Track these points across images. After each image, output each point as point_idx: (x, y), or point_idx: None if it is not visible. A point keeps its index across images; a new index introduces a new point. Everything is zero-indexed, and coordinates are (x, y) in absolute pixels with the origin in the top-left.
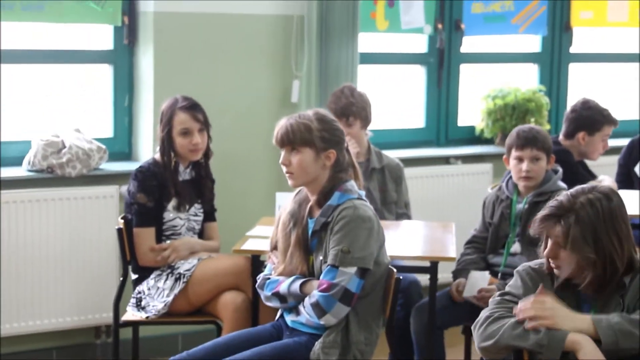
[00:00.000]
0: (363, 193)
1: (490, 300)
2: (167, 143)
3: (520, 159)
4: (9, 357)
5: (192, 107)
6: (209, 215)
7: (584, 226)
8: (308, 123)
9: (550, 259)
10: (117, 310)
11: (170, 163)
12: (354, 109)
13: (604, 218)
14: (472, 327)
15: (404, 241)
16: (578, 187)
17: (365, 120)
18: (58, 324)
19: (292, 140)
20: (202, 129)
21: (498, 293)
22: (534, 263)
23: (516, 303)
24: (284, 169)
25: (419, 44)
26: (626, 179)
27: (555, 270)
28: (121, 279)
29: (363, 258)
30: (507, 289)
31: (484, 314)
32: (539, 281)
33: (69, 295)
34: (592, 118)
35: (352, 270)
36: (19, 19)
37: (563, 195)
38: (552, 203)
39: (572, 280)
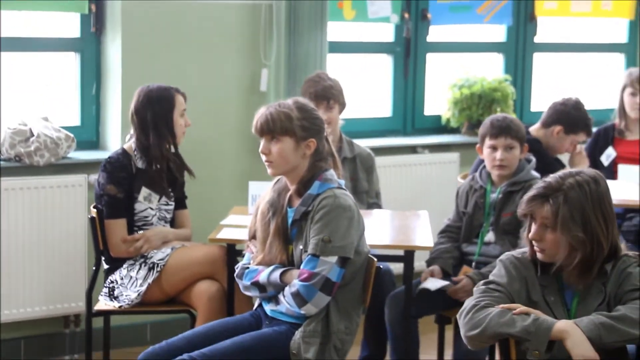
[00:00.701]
0: (343, 182)
1: (475, 289)
2: (166, 126)
3: (494, 148)
4: None
5: (181, 91)
6: (180, 202)
7: (573, 206)
8: (288, 112)
9: (534, 242)
10: (90, 299)
11: (176, 145)
12: (334, 92)
13: (592, 199)
14: (457, 316)
15: (377, 230)
16: (565, 170)
17: (342, 105)
18: (26, 313)
19: (272, 129)
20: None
21: (482, 282)
22: (516, 252)
23: (500, 292)
24: (263, 157)
25: (386, 33)
26: (592, 168)
27: (538, 255)
28: (94, 268)
29: (344, 247)
30: (490, 277)
31: (469, 302)
32: (523, 270)
33: (37, 284)
34: (576, 119)
35: (333, 259)
36: None
37: (551, 177)
38: (539, 184)
39: (555, 264)
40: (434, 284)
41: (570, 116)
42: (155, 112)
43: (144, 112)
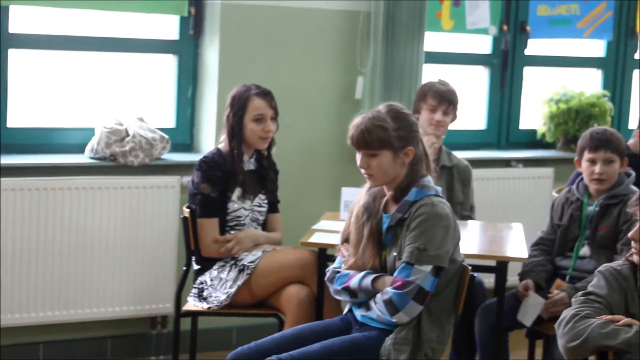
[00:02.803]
0: (440, 189)
1: (573, 299)
2: (237, 129)
3: (593, 161)
4: (65, 344)
5: (268, 94)
6: (272, 206)
7: None
8: (383, 124)
9: (634, 243)
10: (179, 299)
11: (240, 149)
12: (456, 99)
13: None
14: (555, 326)
15: (469, 240)
16: None
17: (455, 116)
18: (114, 312)
19: (368, 144)
20: (274, 117)
21: (581, 293)
22: (616, 264)
23: (600, 303)
24: (362, 170)
25: (483, 44)
26: None
27: (635, 257)
28: (184, 268)
29: (439, 256)
30: (590, 288)
31: (568, 312)
32: (623, 282)
33: (126, 284)
34: None
35: (428, 268)
36: (89, 7)
37: None
38: None
39: None
40: (529, 310)
41: None
42: (231, 114)
43: (226, 112)
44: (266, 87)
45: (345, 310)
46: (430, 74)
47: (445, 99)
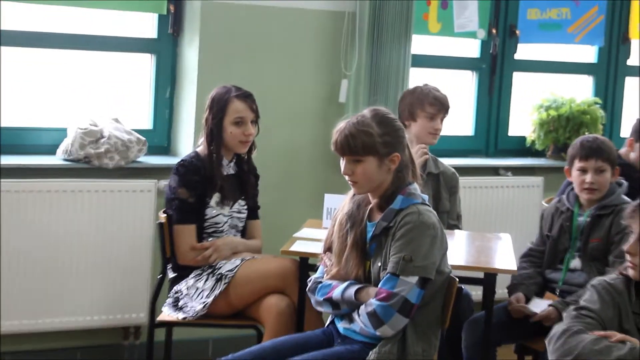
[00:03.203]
0: (427, 197)
1: (565, 314)
2: (216, 132)
3: (583, 170)
4: (32, 355)
5: (249, 96)
6: (252, 212)
7: None
8: (368, 130)
9: (628, 256)
10: (154, 309)
11: (219, 153)
12: (449, 105)
13: None
14: (546, 342)
15: (456, 251)
16: None
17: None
18: (85, 322)
19: (353, 150)
20: (255, 120)
21: (573, 307)
22: (609, 277)
23: (593, 318)
24: (347, 177)
25: (472, 48)
26: None
27: (629, 271)
28: (159, 276)
29: (425, 267)
30: (582, 303)
31: (559, 327)
32: (616, 296)
33: (98, 292)
34: None
35: (413, 279)
36: (63, 3)
37: None
38: None
39: None
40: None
41: None
42: (210, 117)
43: (205, 114)
44: (247, 88)
45: (327, 322)
46: (417, 77)
47: (445, 106)
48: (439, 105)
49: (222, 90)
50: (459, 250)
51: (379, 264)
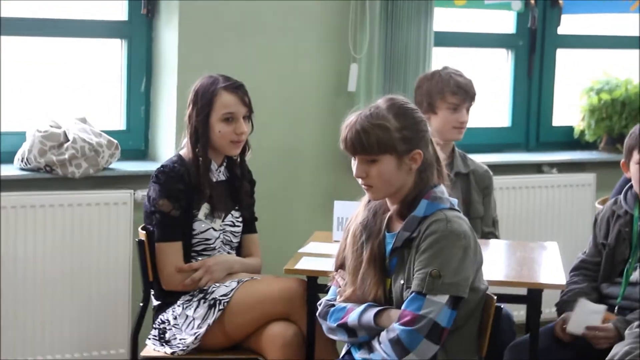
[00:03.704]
0: (456, 202)
1: (627, 332)
2: (202, 131)
3: None
4: None
5: (239, 87)
6: (249, 225)
7: None
8: (384, 123)
9: None
10: (136, 344)
11: (206, 156)
12: (475, 92)
13: None
14: None
15: (493, 264)
16: None
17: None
18: None
19: (366, 149)
20: (247, 115)
21: (637, 324)
22: None
23: None
24: (360, 181)
25: (506, 23)
26: None
27: None
28: (141, 304)
29: (457, 284)
30: None
31: (620, 348)
32: None
33: (69, 325)
34: None
35: (443, 299)
36: None
37: None
38: None
39: None
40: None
41: None
42: (194, 113)
43: (188, 111)
44: (237, 78)
45: (343, 352)
46: (441, 59)
47: (470, 94)
48: (463, 94)
49: (207, 81)
50: (496, 262)
51: (402, 282)
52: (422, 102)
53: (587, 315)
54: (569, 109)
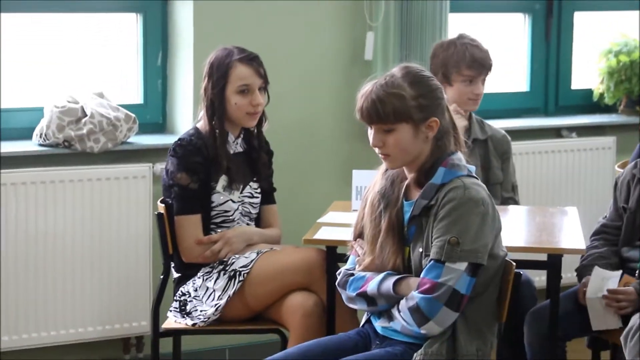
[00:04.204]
0: (474, 168)
1: None
2: (218, 103)
3: None
4: None
5: (255, 59)
6: (267, 196)
7: None
8: (399, 92)
9: None
10: (157, 316)
11: (223, 128)
12: (492, 63)
13: None
14: (621, 338)
15: (513, 230)
16: None
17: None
18: (78, 335)
19: (382, 118)
20: (263, 86)
21: None
22: None
23: None
24: (377, 150)
25: None
26: None
27: None
28: (162, 277)
29: (475, 251)
30: None
31: (637, 319)
32: None
33: (91, 300)
34: None
35: (462, 266)
36: None
37: None
38: None
39: None
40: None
41: None
42: (210, 86)
43: (204, 84)
44: (253, 49)
45: (363, 321)
46: (458, 25)
47: (486, 66)
48: (479, 67)
49: (222, 54)
50: (516, 228)
51: (420, 250)
52: (437, 72)
53: (603, 282)
54: (588, 72)
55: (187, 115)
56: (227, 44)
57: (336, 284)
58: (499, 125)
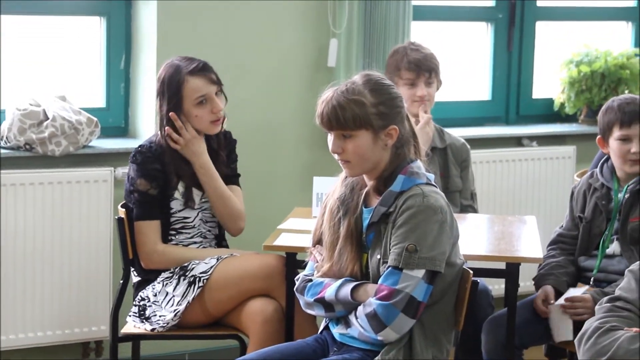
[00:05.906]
0: (432, 177)
1: (597, 307)
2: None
3: (626, 139)
4: None
5: (204, 68)
6: (231, 178)
7: None
8: (360, 99)
9: None
10: (116, 321)
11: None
12: (436, 63)
13: None
14: (575, 341)
15: (472, 238)
16: None
17: (440, 83)
18: (36, 339)
19: (342, 124)
20: (219, 90)
21: (607, 298)
22: None
23: (630, 311)
24: (336, 156)
25: None
26: None
27: None
28: (121, 281)
29: (433, 258)
30: (617, 292)
31: (591, 324)
32: None
33: (50, 303)
34: None
35: (420, 273)
36: None
37: None
38: None
39: None
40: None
41: None
42: (165, 105)
43: (158, 103)
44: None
45: (321, 327)
46: (420, 33)
47: (425, 68)
48: (416, 69)
49: (170, 70)
50: (474, 236)
51: (379, 257)
52: (389, 78)
53: (562, 322)
54: (549, 81)
55: (149, 119)
56: (190, 49)
57: (294, 289)
58: (460, 133)
